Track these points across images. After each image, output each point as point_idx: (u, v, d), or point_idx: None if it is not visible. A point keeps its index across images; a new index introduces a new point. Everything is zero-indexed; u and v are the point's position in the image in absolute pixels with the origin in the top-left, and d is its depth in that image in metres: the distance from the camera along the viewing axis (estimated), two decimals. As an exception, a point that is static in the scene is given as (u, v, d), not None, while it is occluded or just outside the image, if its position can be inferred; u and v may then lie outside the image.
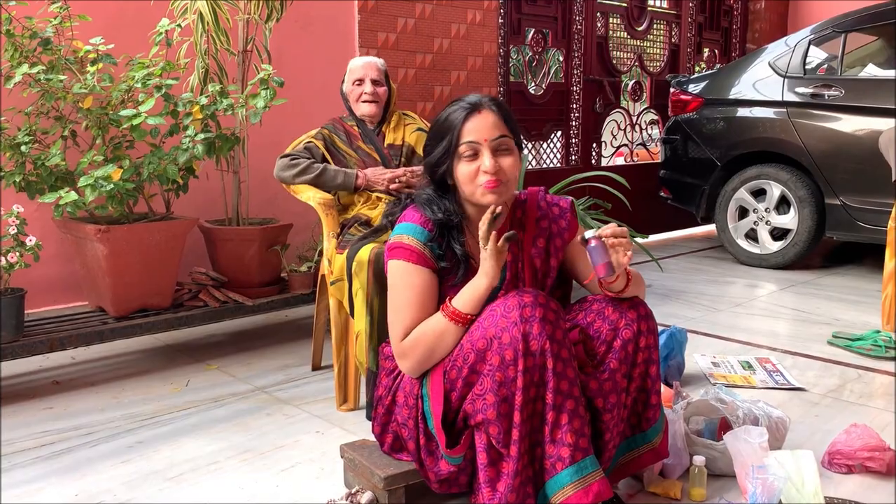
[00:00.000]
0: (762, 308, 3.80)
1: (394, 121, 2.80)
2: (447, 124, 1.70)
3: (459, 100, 1.72)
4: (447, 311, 1.66)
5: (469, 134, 1.66)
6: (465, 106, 1.69)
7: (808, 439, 2.19)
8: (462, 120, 1.67)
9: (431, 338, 1.66)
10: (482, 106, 1.69)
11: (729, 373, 2.77)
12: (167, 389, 2.64)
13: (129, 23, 3.15)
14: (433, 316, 1.69)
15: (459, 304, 1.65)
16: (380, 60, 2.78)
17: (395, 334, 1.71)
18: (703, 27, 6.40)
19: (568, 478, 1.54)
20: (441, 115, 1.73)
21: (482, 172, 1.66)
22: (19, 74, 2.55)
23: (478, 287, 1.65)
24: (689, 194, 5.12)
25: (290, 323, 3.52)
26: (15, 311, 2.49)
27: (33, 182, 2.64)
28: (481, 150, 1.66)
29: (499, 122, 1.68)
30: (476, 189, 1.68)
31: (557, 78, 5.53)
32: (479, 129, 1.66)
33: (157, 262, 2.77)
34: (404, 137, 2.77)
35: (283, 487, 1.94)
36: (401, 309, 1.70)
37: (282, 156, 2.70)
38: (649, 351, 1.69)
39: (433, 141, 1.74)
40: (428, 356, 1.67)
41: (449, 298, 1.68)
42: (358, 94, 2.72)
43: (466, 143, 1.66)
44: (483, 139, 1.66)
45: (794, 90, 4.59)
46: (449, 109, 1.72)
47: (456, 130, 1.67)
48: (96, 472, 2.03)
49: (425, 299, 1.70)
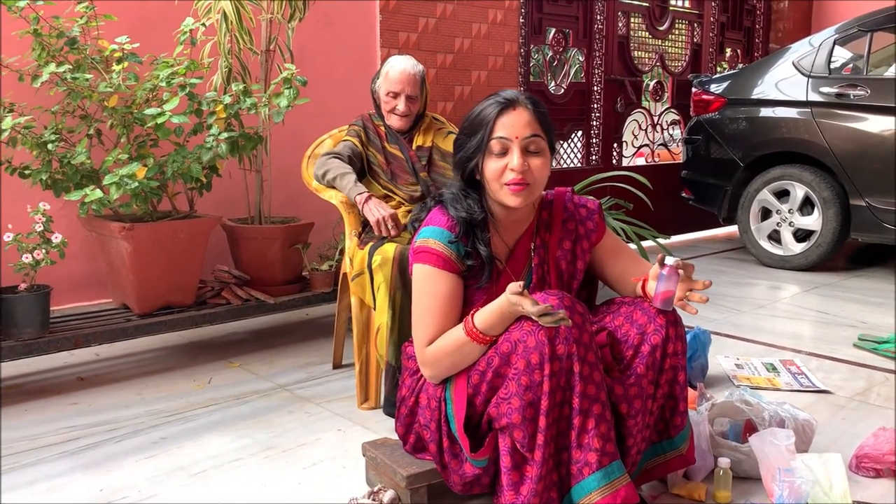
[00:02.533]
0: (786, 310, 3.76)
1: (424, 123, 2.77)
2: (480, 118, 1.67)
3: (496, 94, 1.69)
4: (469, 330, 1.60)
5: (501, 129, 1.64)
6: (500, 101, 1.66)
7: (835, 442, 2.16)
8: (496, 115, 1.64)
9: (455, 355, 1.64)
10: (518, 102, 1.66)
11: (753, 375, 2.75)
12: (190, 386, 2.66)
13: (153, 22, 3.17)
14: (455, 330, 1.64)
15: (484, 327, 1.59)
16: (419, 69, 2.68)
17: (420, 341, 1.69)
18: (726, 27, 6.35)
19: (595, 483, 1.52)
20: (476, 108, 1.70)
21: (509, 170, 1.63)
22: (46, 73, 2.58)
23: (506, 315, 1.56)
24: (712, 195, 5.08)
25: (312, 321, 3.53)
26: (41, 307, 2.52)
27: (59, 180, 2.66)
28: (511, 147, 1.64)
29: (533, 121, 1.65)
30: (502, 189, 1.65)
31: (578, 78, 5.50)
32: (512, 125, 1.64)
33: (180, 259, 2.79)
34: (433, 140, 2.74)
35: (306, 485, 1.94)
36: (425, 314, 1.68)
37: (322, 153, 2.67)
38: (678, 357, 1.67)
39: (465, 134, 1.70)
40: (450, 368, 1.66)
41: (472, 313, 1.63)
42: (391, 106, 2.65)
43: (497, 139, 1.64)
44: (515, 136, 1.63)
45: (818, 90, 4.54)
46: (484, 103, 1.68)
47: (489, 125, 1.64)
48: (121, 467, 2.04)
49: (450, 305, 1.68)
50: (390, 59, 2.71)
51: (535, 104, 1.67)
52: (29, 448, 2.16)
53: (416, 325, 1.71)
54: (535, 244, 1.76)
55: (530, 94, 1.72)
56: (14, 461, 2.08)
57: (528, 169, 1.64)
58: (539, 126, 1.66)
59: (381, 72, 2.69)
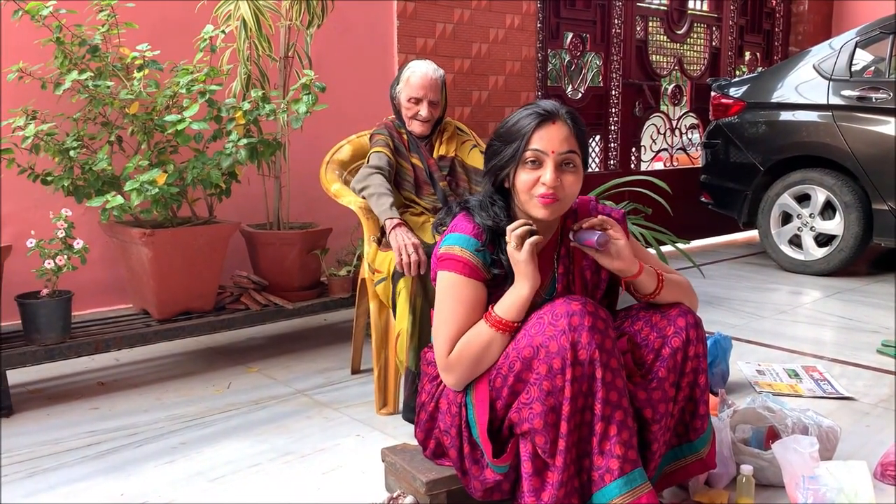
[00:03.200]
0: (807, 315, 3.72)
1: (448, 132, 2.75)
2: (517, 127, 1.64)
3: (535, 104, 1.67)
4: (490, 319, 1.62)
5: (538, 142, 1.61)
6: (539, 112, 1.63)
7: (860, 450, 2.13)
8: (534, 127, 1.62)
9: (476, 348, 1.63)
10: (557, 116, 1.63)
11: (774, 381, 2.72)
12: (209, 391, 2.67)
13: (174, 30, 3.20)
14: (476, 325, 1.65)
15: (502, 312, 1.62)
16: (440, 73, 2.66)
17: (441, 348, 1.67)
18: (745, 30, 6.31)
19: (617, 490, 1.51)
20: (513, 116, 1.68)
21: (541, 184, 1.61)
22: (69, 81, 2.61)
23: (520, 293, 1.61)
24: (731, 199, 5.04)
25: (330, 327, 3.54)
26: (62, 312, 2.54)
27: (81, 186, 2.69)
28: (546, 161, 1.61)
29: (570, 137, 1.63)
30: (531, 199, 1.63)
31: (596, 82, 5.49)
32: (549, 138, 1.61)
33: (200, 265, 2.81)
34: (456, 151, 2.73)
35: (325, 490, 1.94)
36: (448, 322, 1.67)
37: (366, 164, 2.61)
38: (698, 360, 1.66)
39: (500, 141, 1.68)
40: (473, 368, 1.65)
41: (491, 307, 1.65)
42: (413, 112, 2.63)
43: (533, 151, 1.61)
44: (551, 150, 1.61)
45: (839, 93, 4.50)
46: (522, 112, 1.66)
47: (526, 136, 1.62)
48: (141, 472, 2.05)
49: (474, 313, 1.66)
50: (410, 64, 2.69)
51: (574, 120, 1.65)
52: (50, 453, 2.17)
53: (438, 332, 1.70)
54: (560, 253, 1.76)
55: (571, 108, 1.69)
56: (35, 466, 2.09)
57: (560, 185, 1.62)
58: (576, 142, 1.64)
59: (402, 77, 2.66)
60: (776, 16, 6.56)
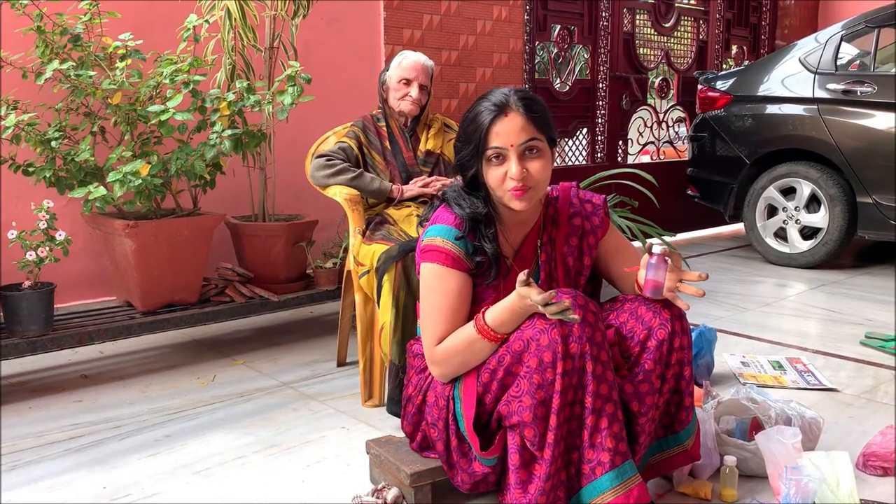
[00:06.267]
0: (792, 308, 3.75)
1: (434, 127, 2.78)
2: (474, 126, 1.63)
3: (487, 97, 1.64)
4: (481, 327, 1.60)
5: (495, 139, 1.60)
6: (491, 108, 1.61)
7: (842, 440, 2.15)
8: (488, 123, 1.60)
9: (465, 353, 1.63)
10: (509, 107, 1.60)
11: (759, 372, 2.73)
12: (194, 384, 2.65)
13: (157, 19, 3.17)
14: (466, 328, 1.63)
15: (495, 324, 1.58)
16: (430, 63, 2.74)
17: (428, 339, 1.68)
18: (732, 23, 6.32)
19: (608, 483, 1.51)
20: (470, 112, 1.67)
21: (509, 178, 1.61)
22: (50, 71, 2.58)
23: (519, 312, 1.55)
24: (718, 192, 5.06)
25: (316, 319, 3.53)
26: (44, 305, 2.51)
27: (63, 177, 2.66)
28: (508, 154, 1.61)
29: (526, 125, 1.60)
30: (504, 193, 1.63)
31: (583, 75, 5.48)
32: (505, 132, 1.60)
33: (184, 257, 2.79)
34: (442, 147, 2.76)
35: (309, 482, 1.94)
36: (434, 313, 1.67)
37: (317, 155, 2.68)
38: (683, 352, 1.66)
39: (462, 141, 1.68)
40: (459, 368, 1.65)
41: (483, 311, 1.62)
42: (403, 94, 2.67)
43: (493, 148, 1.61)
44: (509, 144, 1.60)
45: (825, 87, 4.51)
46: (477, 108, 1.64)
47: (482, 134, 1.61)
48: (125, 464, 2.04)
49: (459, 303, 1.66)
50: (402, 52, 2.77)
51: (526, 105, 1.61)
52: (32, 446, 2.16)
53: (424, 324, 1.70)
54: (542, 241, 1.75)
55: (522, 91, 1.66)
56: (17, 459, 2.07)
57: (527, 174, 1.61)
58: (534, 128, 1.61)
59: (393, 63, 2.72)
60: (763, 9, 6.58)
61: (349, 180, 2.58)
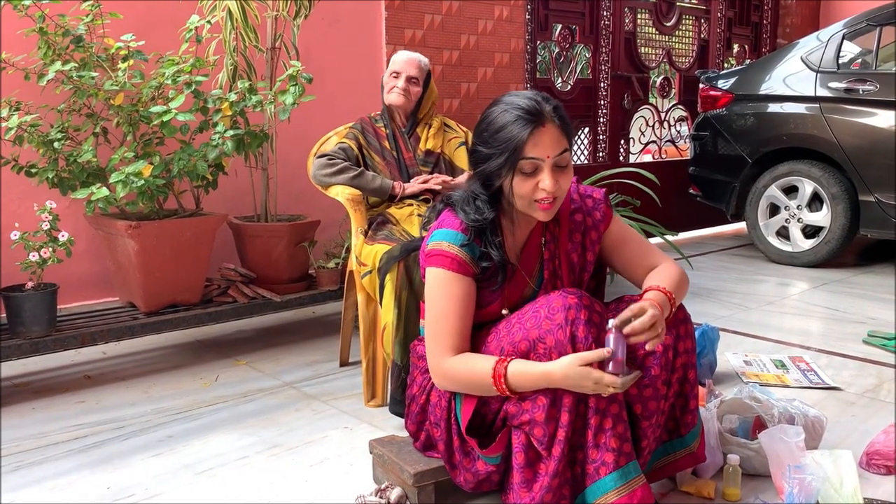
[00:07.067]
0: (794, 306, 3.74)
1: (434, 126, 2.80)
2: (508, 136, 1.56)
3: (512, 103, 1.58)
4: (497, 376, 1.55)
5: (532, 150, 1.55)
6: (528, 119, 1.55)
7: (845, 439, 2.15)
8: (527, 135, 1.55)
9: (469, 386, 1.62)
10: (545, 119, 1.56)
11: (762, 371, 2.73)
12: (197, 384, 2.65)
13: (159, 20, 3.17)
14: (480, 364, 1.58)
15: (515, 384, 1.54)
16: (424, 60, 2.79)
17: (433, 346, 1.66)
18: (733, 22, 6.31)
19: (612, 483, 1.51)
20: (496, 118, 1.59)
21: (541, 189, 1.57)
22: (52, 72, 2.58)
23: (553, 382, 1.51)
24: (719, 191, 5.05)
25: (318, 319, 3.53)
26: (47, 306, 2.52)
27: (66, 178, 2.66)
28: (543, 167, 1.57)
29: (561, 137, 1.58)
30: (531, 204, 1.60)
31: (585, 74, 5.48)
32: (543, 144, 1.55)
33: (186, 257, 2.79)
34: (443, 147, 2.77)
35: (312, 482, 1.94)
36: (440, 319, 1.65)
37: (318, 155, 2.70)
38: (688, 355, 1.66)
39: (487, 148, 1.61)
40: (459, 390, 1.66)
41: (507, 360, 1.55)
42: (391, 86, 2.73)
43: (529, 160, 1.56)
44: (546, 156, 1.56)
45: (826, 85, 4.51)
46: (507, 117, 1.57)
47: (519, 145, 1.55)
48: (128, 465, 2.04)
49: (465, 308, 1.65)
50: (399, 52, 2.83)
51: (560, 117, 1.59)
52: (35, 446, 2.16)
53: (430, 330, 1.67)
54: (546, 238, 1.75)
55: (548, 97, 1.61)
56: (21, 459, 2.08)
57: (557, 186, 1.58)
58: (566, 139, 1.60)
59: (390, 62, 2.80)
60: (764, 8, 6.57)
61: (350, 179, 2.59)
